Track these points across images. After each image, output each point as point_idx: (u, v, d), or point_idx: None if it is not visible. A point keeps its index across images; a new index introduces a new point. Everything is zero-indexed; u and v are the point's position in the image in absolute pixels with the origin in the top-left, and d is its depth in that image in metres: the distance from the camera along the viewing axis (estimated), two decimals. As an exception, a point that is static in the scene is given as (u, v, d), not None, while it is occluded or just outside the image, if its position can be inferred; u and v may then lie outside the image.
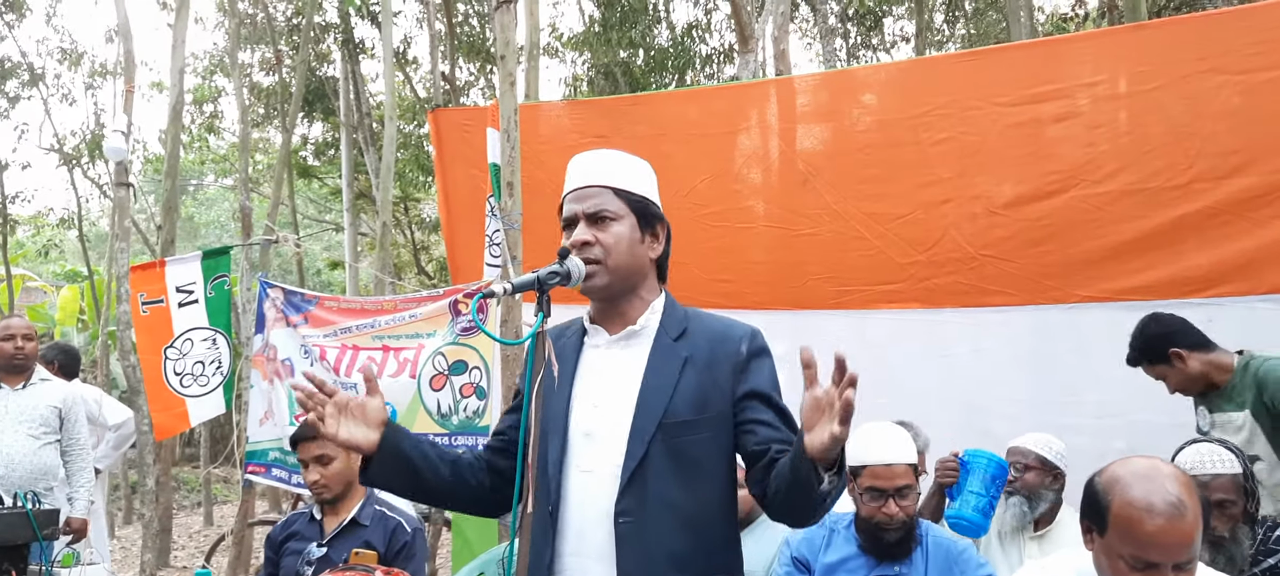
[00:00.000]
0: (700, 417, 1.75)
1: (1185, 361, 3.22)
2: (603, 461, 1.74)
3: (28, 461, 4.35)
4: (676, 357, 1.78)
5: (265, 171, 14.49)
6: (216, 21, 12.85)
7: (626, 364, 1.80)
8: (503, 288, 1.74)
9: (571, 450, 1.77)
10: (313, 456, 2.92)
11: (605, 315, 1.86)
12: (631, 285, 1.84)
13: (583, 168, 1.87)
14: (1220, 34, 3.90)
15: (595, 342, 1.86)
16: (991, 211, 4.28)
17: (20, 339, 4.38)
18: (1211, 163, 3.84)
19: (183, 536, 9.94)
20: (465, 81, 12.29)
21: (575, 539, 1.74)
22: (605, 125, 5.21)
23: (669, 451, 1.72)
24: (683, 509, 1.72)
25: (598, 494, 1.73)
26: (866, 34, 12.69)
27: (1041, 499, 3.08)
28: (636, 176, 1.87)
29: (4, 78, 11.79)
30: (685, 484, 1.72)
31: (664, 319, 1.85)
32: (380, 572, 2.57)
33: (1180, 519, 1.66)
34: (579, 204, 1.83)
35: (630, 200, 1.83)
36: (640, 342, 1.82)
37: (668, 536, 1.70)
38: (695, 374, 1.77)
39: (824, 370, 1.48)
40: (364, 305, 5.16)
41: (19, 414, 4.37)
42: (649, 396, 1.75)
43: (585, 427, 1.77)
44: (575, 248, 1.79)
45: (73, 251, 17.32)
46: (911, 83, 4.66)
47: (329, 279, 16.42)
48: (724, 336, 1.82)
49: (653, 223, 1.87)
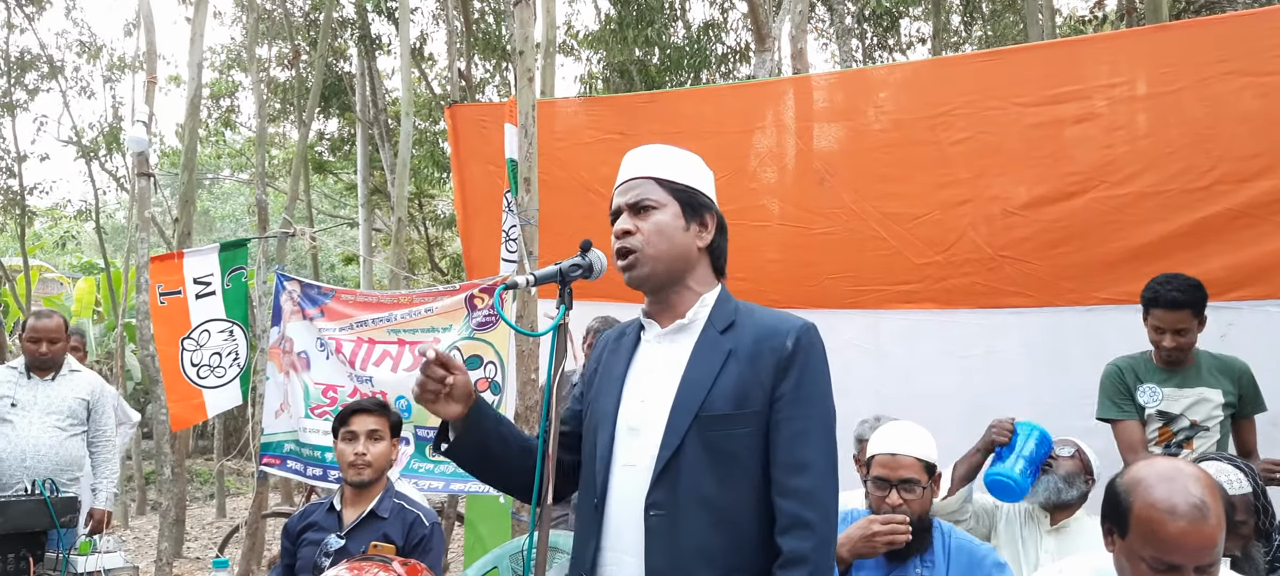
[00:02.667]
0: (739, 412, 1.70)
1: (1202, 329, 3.35)
2: (643, 455, 1.73)
3: (53, 452, 4.43)
4: (720, 350, 1.75)
5: (281, 166, 14.57)
6: (234, 16, 12.95)
7: (673, 357, 1.78)
8: (525, 279, 1.74)
9: (618, 444, 1.76)
10: (367, 430, 2.96)
11: (656, 308, 1.84)
12: (676, 275, 1.80)
13: (630, 162, 1.86)
14: (1241, 36, 3.88)
15: (648, 337, 1.85)
16: (1009, 212, 4.26)
17: (46, 344, 4.46)
18: (1233, 166, 3.81)
19: (196, 527, 10.00)
20: (481, 78, 12.32)
21: (614, 533, 1.74)
22: (621, 122, 5.22)
23: (705, 445, 1.69)
24: (716, 504, 1.67)
25: (635, 488, 1.72)
26: (883, 35, 12.65)
27: (1074, 486, 3.08)
28: (683, 167, 1.84)
29: (24, 70, 11.87)
30: (721, 480, 1.68)
31: (713, 312, 1.80)
32: (398, 564, 2.58)
33: (1203, 521, 1.65)
34: (623, 196, 1.82)
35: (674, 189, 1.80)
36: (688, 336, 1.79)
37: (699, 532, 1.67)
38: (737, 367, 1.72)
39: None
40: (380, 299, 5.19)
41: (47, 405, 4.46)
42: (687, 389, 1.72)
43: (631, 422, 1.76)
44: (618, 237, 1.79)
45: (90, 243, 17.46)
46: (929, 82, 4.64)
47: (343, 274, 16.49)
48: (772, 330, 1.76)
49: (700, 211, 1.82)
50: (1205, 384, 3.35)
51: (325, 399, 5.11)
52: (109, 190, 15.90)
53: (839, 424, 1.84)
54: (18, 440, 4.36)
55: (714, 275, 1.87)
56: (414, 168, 11.17)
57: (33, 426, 4.39)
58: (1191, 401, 3.36)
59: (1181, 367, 3.39)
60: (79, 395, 4.56)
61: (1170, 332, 3.32)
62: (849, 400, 4.71)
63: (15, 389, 4.44)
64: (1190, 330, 3.31)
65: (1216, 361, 3.39)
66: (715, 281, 1.86)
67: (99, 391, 4.68)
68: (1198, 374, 3.37)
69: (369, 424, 2.97)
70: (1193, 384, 3.36)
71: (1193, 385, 3.36)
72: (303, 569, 2.92)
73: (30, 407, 4.42)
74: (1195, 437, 3.36)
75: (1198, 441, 3.34)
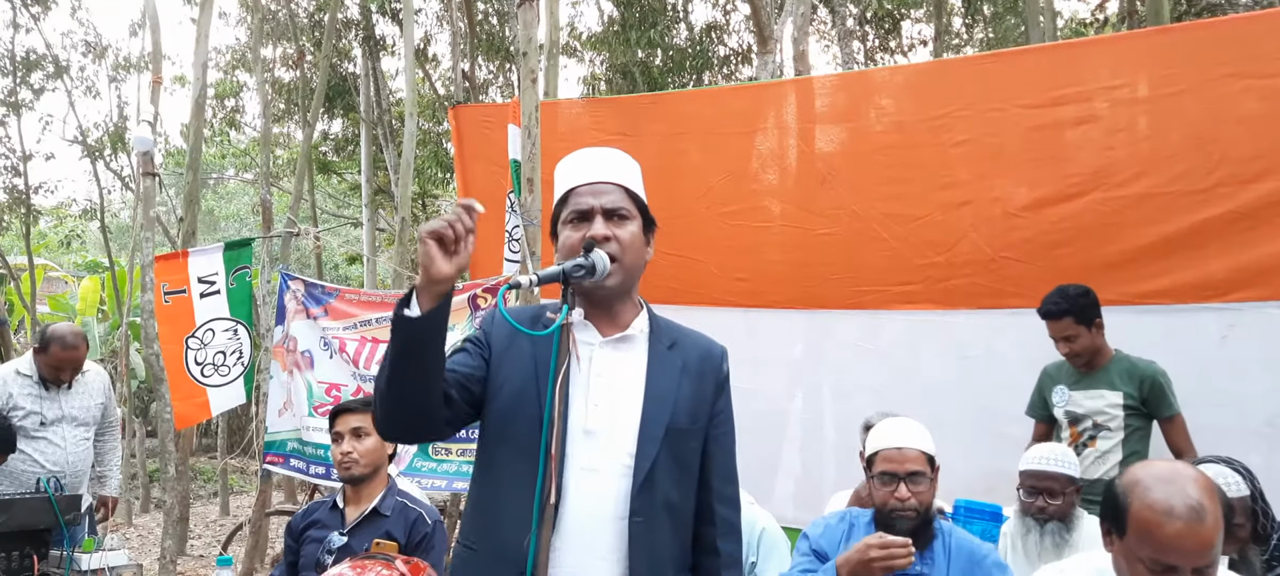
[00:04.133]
0: (693, 426, 1.82)
1: (1100, 332, 3.59)
2: (608, 460, 1.75)
3: (84, 460, 4.44)
4: (674, 367, 1.84)
5: (286, 166, 14.58)
6: (239, 17, 12.98)
7: (625, 366, 1.82)
8: (527, 279, 1.75)
9: (572, 445, 1.75)
10: (350, 428, 2.97)
11: (598, 315, 1.84)
12: (628, 288, 1.85)
13: (592, 162, 1.87)
14: (1242, 38, 3.88)
15: (586, 340, 1.82)
16: (1010, 214, 4.27)
17: (69, 371, 4.36)
18: (1233, 168, 3.82)
19: (199, 525, 10.02)
20: (484, 79, 12.34)
21: (579, 536, 1.73)
22: (623, 123, 5.23)
23: (672, 456, 1.78)
24: (678, 509, 1.80)
25: (605, 493, 1.74)
26: (884, 37, 12.65)
27: (1074, 516, 3.05)
28: (638, 179, 1.89)
29: (29, 70, 11.90)
30: (682, 487, 1.81)
31: (652, 326, 1.88)
32: (401, 562, 2.59)
33: (1200, 522, 1.66)
34: (595, 198, 1.80)
35: (637, 202, 1.85)
36: (635, 347, 1.84)
37: (669, 537, 1.78)
38: (690, 384, 1.84)
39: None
40: (384, 298, 5.21)
41: (74, 416, 4.41)
42: (654, 402, 1.79)
43: (585, 425, 1.76)
44: (598, 241, 1.76)
45: (94, 242, 17.49)
46: (931, 84, 4.65)
47: (346, 273, 16.51)
48: (707, 352, 1.90)
49: (651, 227, 1.89)
50: (1109, 386, 3.56)
51: (329, 397, 5.13)
52: (114, 189, 15.93)
53: (839, 424, 1.87)
54: (57, 456, 4.30)
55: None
56: (418, 168, 11.17)
57: (66, 438, 4.34)
58: (1094, 402, 3.59)
59: (1094, 371, 3.61)
60: (97, 399, 4.53)
61: (1060, 340, 3.61)
62: (850, 400, 4.75)
63: (39, 403, 4.32)
64: (1078, 336, 3.57)
65: (1128, 366, 3.58)
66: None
67: (105, 383, 4.65)
68: (1106, 377, 3.59)
69: (353, 422, 2.97)
70: (1098, 386, 3.59)
71: (1098, 387, 3.59)
72: (305, 567, 2.93)
73: (59, 421, 4.34)
74: (1098, 437, 3.55)
75: (1100, 440, 3.54)
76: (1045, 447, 3.20)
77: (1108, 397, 3.56)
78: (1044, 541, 3.03)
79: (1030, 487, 3.06)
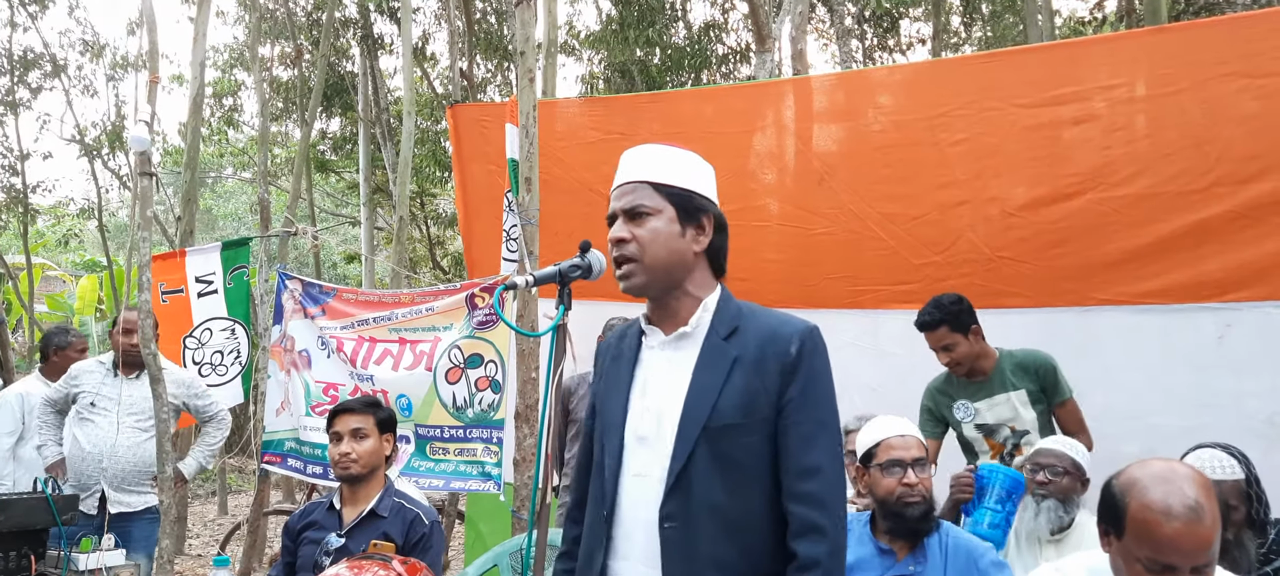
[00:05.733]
0: (747, 421, 1.69)
1: (979, 338, 3.52)
2: (653, 465, 1.72)
3: (130, 454, 4.34)
4: (725, 358, 1.73)
5: (283, 165, 14.56)
6: (237, 16, 12.96)
7: (678, 366, 1.77)
8: (524, 280, 1.75)
9: (626, 453, 1.75)
10: (349, 429, 2.97)
11: (659, 314, 1.82)
12: (675, 281, 1.78)
13: (625, 165, 1.83)
14: (1240, 38, 3.87)
15: (651, 343, 1.82)
16: (1008, 213, 4.27)
17: (130, 346, 4.30)
18: (1231, 168, 3.81)
19: (197, 525, 10.01)
20: (482, 78, 12.33)
21: (625, 542, 1.73)
22: (622, 123, 5.22)
23: (714, 455, 1.68)
24: (727, 513, 1.68)
25: (647, 499, 1.72)
26: (883, 36, 12.65)
27: (1072, 503, 3.04)
28: (680, 169, 1.80)
29: (27, 68, 11.87)
30: (730, 488, 1.68)
31: (715, 317, 1.78)
32: (398, 563, 2.59)
33: (1198, 521, 1.66)
34: (617, 201, 1.80)
35: (670, 193, 1.77)
36: (691, 343, 1.78)
37: (712, 542, 1.67)
38: (743, 375, 1.71)
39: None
40: (382, 298, 5.20)
41: (129, 405, 4.35)
42: (694, 399, 1.71)
43: (639, 432, 1.75)
44: (613, 245, 1.76)
45: (92, 241, 17.48)
46: (929, 83, 4.65)
47: (344, 272, 16.50)
48: (775, 335, 1.74)
49: (697, 215, 1.78)
50: (1008, 388, 3.50)
51: (326, 397, 5.13)
52: (111, 188, 15.88)
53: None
54: (99, 440, 4.26)
55: (713, 276, 1.84)
56: (416, 167, 11.16)
57: (113, 426, 4.27)
58: (1001, 409, 3.52)
59: (982, 378, 3.54)
60: (166, 396, 4.38)
61: (939, 350, 3.55)
62: (848, 400, 4.71)
63: (100, 386, 4.32)
64: (956, 344, 3.51)
65: (1016, 360, 3.52)
66: (715, 283, 1.84)
67: (179, 378, 4.54)
68: (1001, 380, 3.52)
69: (352, 423, 2.98)
70: (997, 391, 3.53)
71: (997, 392, 3.53)
72: (303, 567, 2.93)
73: (112, 407, 4.30)
74: (1021, 442, 3.50)
75: (1025, 445, 3.46)
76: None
77: (1012, 399, 3.49)
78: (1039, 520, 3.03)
79: (1034, 465, 3.07)
